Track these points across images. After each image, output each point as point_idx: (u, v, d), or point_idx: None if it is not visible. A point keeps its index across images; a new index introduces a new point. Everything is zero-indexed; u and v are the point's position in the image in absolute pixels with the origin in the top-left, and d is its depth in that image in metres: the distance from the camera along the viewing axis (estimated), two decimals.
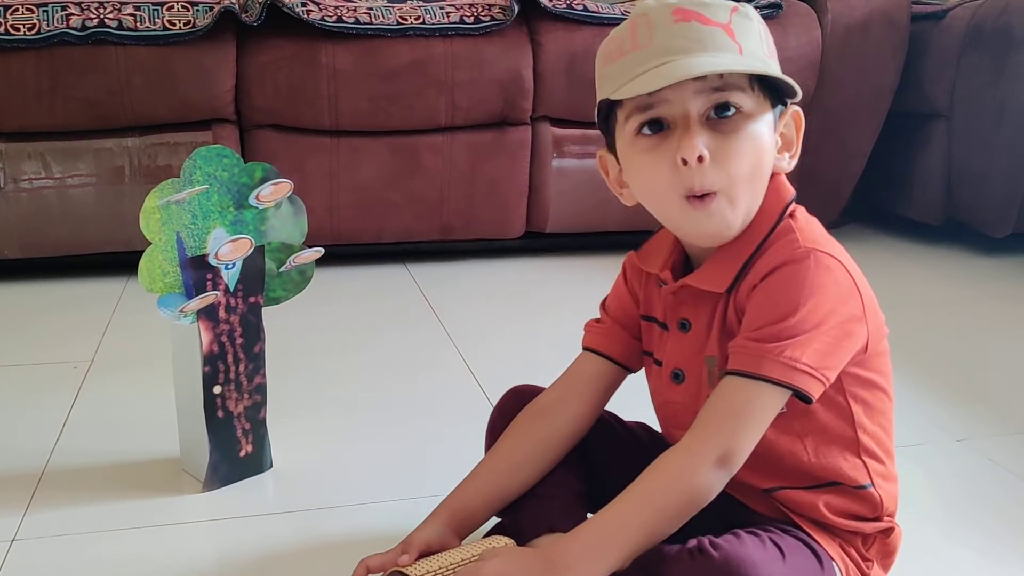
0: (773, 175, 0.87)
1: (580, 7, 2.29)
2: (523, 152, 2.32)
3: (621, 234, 2.39)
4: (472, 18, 2.22)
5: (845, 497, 0.89)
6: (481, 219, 2.35)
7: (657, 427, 1.03)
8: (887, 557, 0.93)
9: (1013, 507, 1.23)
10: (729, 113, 0.81)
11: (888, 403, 0.91)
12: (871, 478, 0.89)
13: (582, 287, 2.16)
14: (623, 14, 2.30)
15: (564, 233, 2.43)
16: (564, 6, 2.28)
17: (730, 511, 0.89)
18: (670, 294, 0.91)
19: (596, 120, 0.90)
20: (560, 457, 0.98)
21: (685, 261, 0.93)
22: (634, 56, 0.81)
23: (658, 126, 0.83)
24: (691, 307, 0.90)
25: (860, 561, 0.90)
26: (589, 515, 0.92)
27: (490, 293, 2.18)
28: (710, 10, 0.81)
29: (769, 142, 0.84)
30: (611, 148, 0.90)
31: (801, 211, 0.88)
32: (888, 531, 0.92)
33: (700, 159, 0.80)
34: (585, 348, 1.01)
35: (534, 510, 0.94)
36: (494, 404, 1.06)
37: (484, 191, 2.32)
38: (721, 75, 0.80)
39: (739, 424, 0.81)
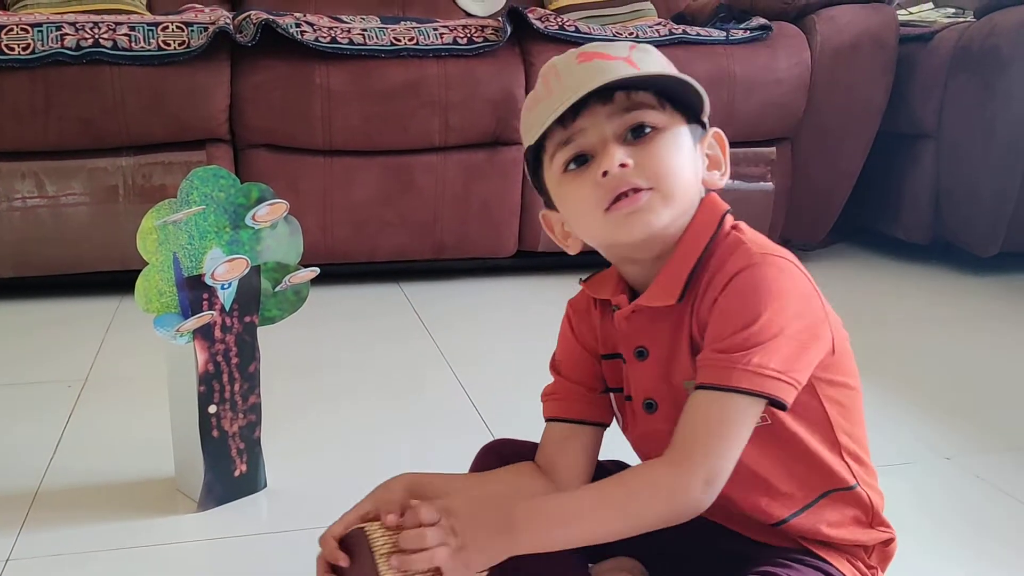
0: (706, 194, 0.89)
1: (572, 28, 2.31)
2: (515, 172, 2.34)
3: None
4: (465, 39, 2.24)
5: (840, 505, 0.90)
6: (474, 238, 2.36)
7: (633, 461, 1.02)
8: (884, 561, 0.95)
9: (1001, 524, 1.24)
10: (645, 132, 0.84)
11: (858, 399, 0.92)
12: (856, 478, 0.90)
13: None
14: (615, 35, 2.32)
15: (556, 252, 2.43)
16: (556, 27, 2.30)
17: (738, 546, 0.90)
18: (624, 319, 0.90)
19: (530, 178, 0.92)
20: None
21: (633, 293, 0.92)
22: (547, 102, 0.85)
23: (583, 160, 0.85)
24: (647, 333, 0.89)
25: (866, 570, 0.92)
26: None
27: (483, 311, 2.19)
28: (611, 48, 0.86)
29: (691, 152, 0.86)
30: (549, 204, 0.92)
31: (744, 225, 0.89)
32: (888, 541, 0.93)
33: (623, 165, 0.82)
34: (549, 419, 0.97)
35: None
36: (481, 446, 1.03)
37: (477, 210, 2.34)
38: (629, 95, 0.83)
39: (720, 443, 0.80)
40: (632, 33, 2.34)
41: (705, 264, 0.85)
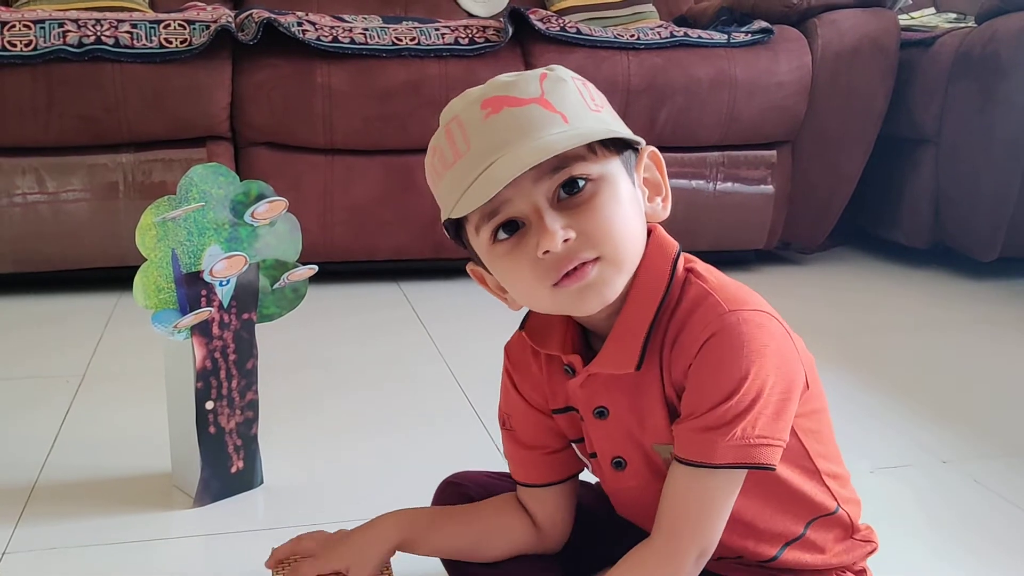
0: (650, 230, 0.81)
1: (573, 30, 2.31)
2: None
3: None
4: (467, 40, 2.24)
5: (823, 530, 0.89)
6: None
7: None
8: (865, 558, 0.94)
9: (998, 528, 1.24)
10: (579, 187, 0.74)
11: (827, 415, 0.89)
12: (837, 501, 0.88)
13: None
14: (615, 37, 2.32)
15: None
16: (557, 29, 2.30)
17: None
18: (578, 386, 0.85)
19: (450, 237, 0.83)
20: (531, 551, 0.95)
21: (582, 333, 0.86)
22: (458, 167, 0.75)
23: (513, 226, 0.76)
24: (607, 394, 0.84)
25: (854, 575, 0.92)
26: None
27: (482, 312, 2.19)
28: (518, 88, 0.75)
29: (632, 197, 0.78)
30: (476, 259, 0.83)
31: (699, 264, 0.82)
32: (872, 551, 0.94)
33: (567, 241, 0.73)
34: (518, 484, 0.94)
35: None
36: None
37: None
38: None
39: (708, 520, 0.79)
40: (634, 35, 2.34)
41: (664, 322, 0.79)
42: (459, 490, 0.99)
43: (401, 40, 2.21)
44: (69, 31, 2.04)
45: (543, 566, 0.95)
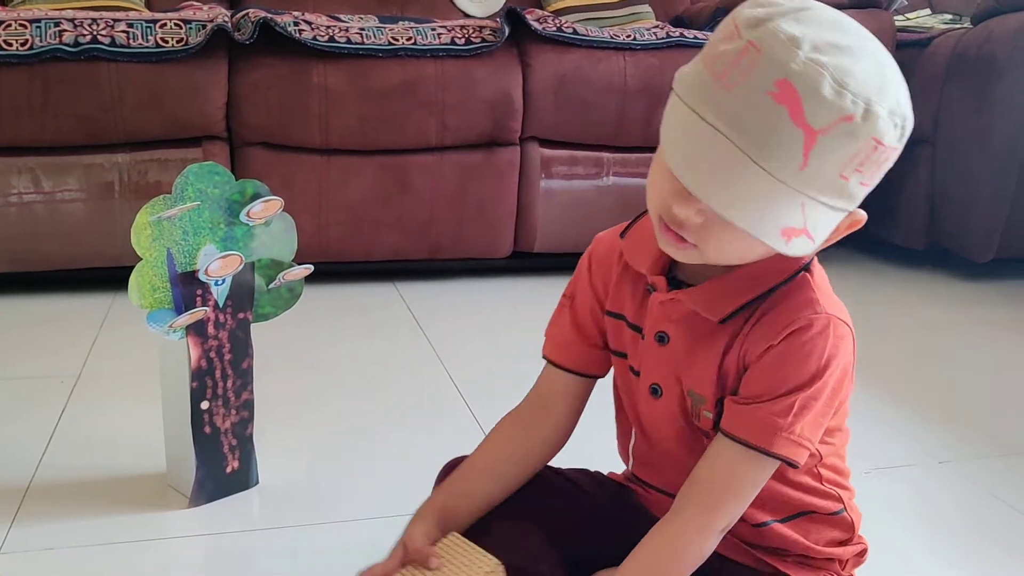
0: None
1: (570, 30, 2.31)
2: (512, 172, 2.34)
3: None
4: (463, 40, 2.24)
5: (822, 524, 0.91)
6: (469, 239, 2.36)
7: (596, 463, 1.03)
8: (856, 566, 0.95)
9: (995, 528, 1.24)
10: None
11: (844, 437, 0.92)
12: (843, 503, 0.91)
13: None
14: (612, 37, 2.32)
15: (552, 253, 2.44)
16: (554, 29, 2.30)
17: (714, 565, 0.89)
18: (658, 304, 0.86)
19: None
20: (540, 465, 0.97)
21: (673, 261, 0.86)
22: (715, 88, 0.69)
23: None
24: (675, 323, 0.86)
25: None
26: None
27: (478, 312, 2.19)
28: (813, 104, 0.67)
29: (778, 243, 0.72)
30: None
31: (817, 266, 0.84)
32: (862, 553, 0.94)
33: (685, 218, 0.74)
34: (545, 358, 0.97)
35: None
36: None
37: (473, 211, 2.34)
38: None
39: (744, 500, 0.82)
40: (630, 36, 2.34)
41: (767, 302, 0.81)
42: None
43: (397, 40, 2.21)
44: (65, 30, 2.03)
45: (528, 528, 0.94)
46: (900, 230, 2.64)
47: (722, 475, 0.82)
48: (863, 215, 0.76)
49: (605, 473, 1.03)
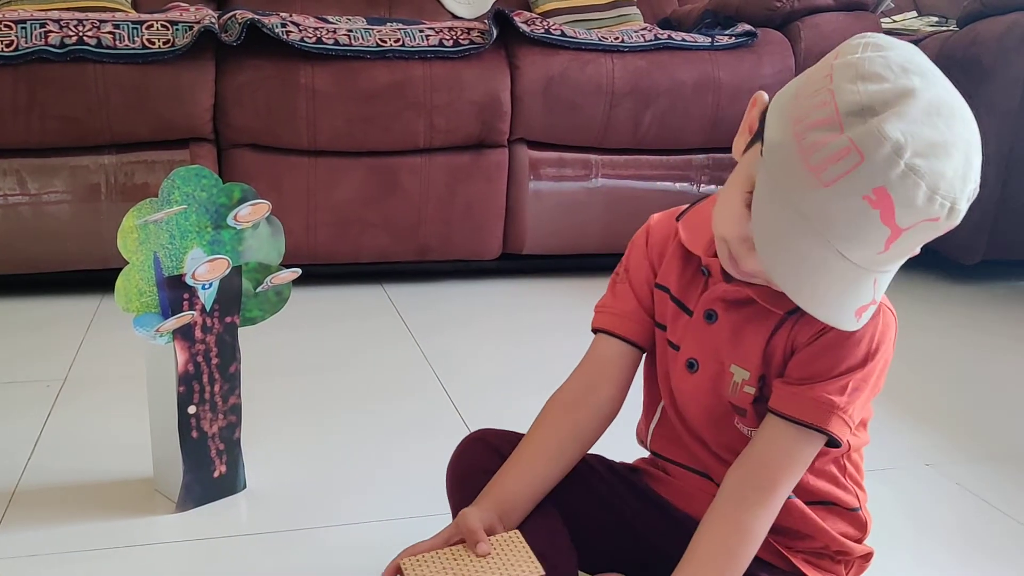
0: None
1: (558, 32, 2.31)
2: (500, 174, 2.34)
3: (598, 256, 2.40)
4: (451, 41, 2.24)
5: (839, 518, 0.93)
6: (458, 240, 2.36)
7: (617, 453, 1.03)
8: (860, 571, 0.96)
9: (980, 531, 1.25)
10: None
11: (867, 435, 0.95)
12: (860, 502, 0.94)
13: (558, 309, 2.17)
14: (600, 39, 2.32)
15: (541, 255, 2.44)
16: (542, 31, 2.30)
17: None
18: (717, 286, 0.90)
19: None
20: (594, 441, 0.97)
21: None
22: (809, 179, 0.72)
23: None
24: (726, 304, 0.89)
25: None
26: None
27: (467, 314, 2.19)
28: (905, 210, 0.71)
29: None
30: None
31: None
32: (868, 556, 0.95)
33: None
34: (598, 330, 0.98)
35: None
36: (465, 434, 1.03)
37: (461, 213, 2.34)
38: None
39: (794, 475, 0.86)
40: (618, 38, 2.34)
41: None
42: (484, 444, 1.00)
43: (385, 42, 2.21)
44: (51, 31, 2.02)
45: (544, 511, 0.95)
46: None
47: (778, 453, 0.85)
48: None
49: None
